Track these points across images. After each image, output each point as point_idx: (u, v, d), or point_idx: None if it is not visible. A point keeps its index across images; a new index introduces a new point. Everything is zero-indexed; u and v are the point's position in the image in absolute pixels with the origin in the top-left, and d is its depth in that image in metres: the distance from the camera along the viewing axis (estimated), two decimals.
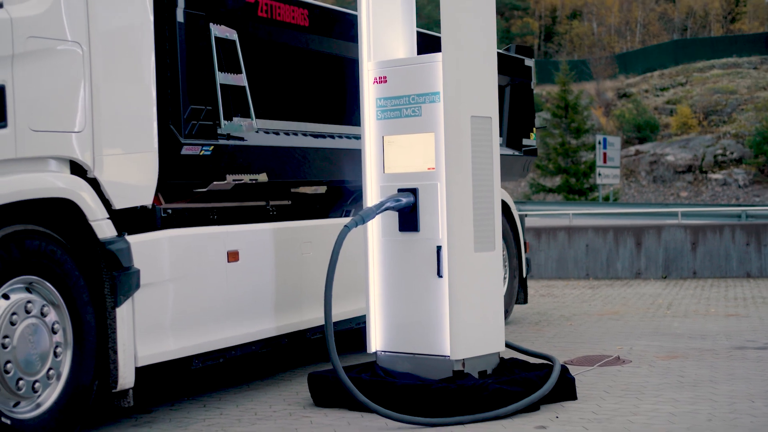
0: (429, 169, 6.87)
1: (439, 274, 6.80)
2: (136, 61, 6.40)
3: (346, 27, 8.41)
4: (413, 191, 6.90)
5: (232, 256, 7.10)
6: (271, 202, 8.04)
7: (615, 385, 7.47)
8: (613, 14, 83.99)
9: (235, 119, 7.12)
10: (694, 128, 58.89)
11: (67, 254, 5.84)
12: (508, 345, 7.33)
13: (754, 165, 53.40)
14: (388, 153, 7.09)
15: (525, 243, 11.68)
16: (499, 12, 62.75)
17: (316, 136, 8.11)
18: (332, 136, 8.32)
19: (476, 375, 6.85)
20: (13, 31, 5.52)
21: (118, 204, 6.24)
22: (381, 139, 7.11)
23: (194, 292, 6.76)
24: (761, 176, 53.24)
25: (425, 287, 6.89)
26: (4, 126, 5.46)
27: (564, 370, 7.01)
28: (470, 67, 6.85)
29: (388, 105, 7.06)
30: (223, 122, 6.98)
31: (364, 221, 6.79)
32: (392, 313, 7.07)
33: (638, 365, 8.38)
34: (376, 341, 7.17)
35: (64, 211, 5.91)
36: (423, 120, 6.90)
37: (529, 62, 12.10)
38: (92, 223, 5.94)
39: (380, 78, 7.11)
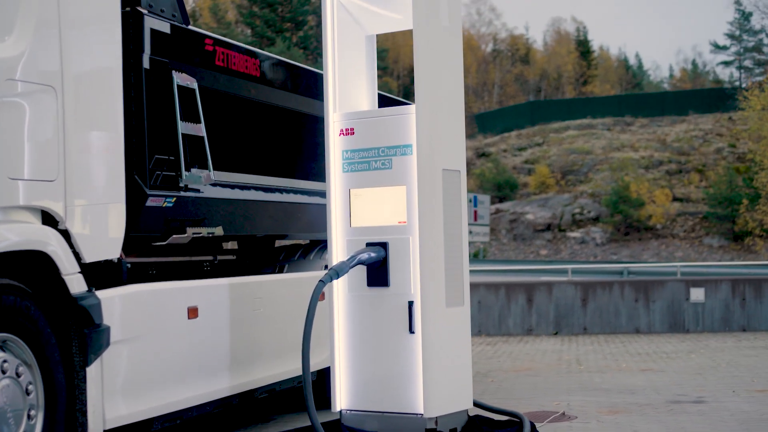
0: (400, 222, 6.74)
1: (411, 330, 6.65)
2: (106, 107, 6.10)
3: (300, 79, 8.26)
4: (383, 245, 6.75)
5: (192, 312, 6.81)
6: (219, 257, 7.80)
7: None
8: (470, 75, 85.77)
9: (193, 170, 6.87)
10: (552, 187, 60.42)
11: (39, 310, 5.48)
12: (475, 403, 7.20)
13: (610, 224, 55.03)
14: (354, 206, 6.93)
15: None
16: None
17: (266, 190, 7.89)
18: (280, 191, 8.11)
19: None
20: None
21: (88, 257, 5.89)
22: (347, 192, 6.94)
23: (157, 350, 6.43)
24: (618, 234, 54.86)
25: (396, 344, 6.72)
26: None
27: (533, 426, 6.93)
28: (442, 120, 6.78)
29: (356, 157, 6.91)
30: (184, 173, 6.73)
31: (339, 275, 6.60)
32: (359, 370, 6.88)
33: (587, 420, 8.35)
34: (341, 400, 6.94)
35: (33, 264, 5.55)
36: (394, 173, 6.77)
37: None
38: (65, 277, 5.59)
39: (347, 130, 6.95)
